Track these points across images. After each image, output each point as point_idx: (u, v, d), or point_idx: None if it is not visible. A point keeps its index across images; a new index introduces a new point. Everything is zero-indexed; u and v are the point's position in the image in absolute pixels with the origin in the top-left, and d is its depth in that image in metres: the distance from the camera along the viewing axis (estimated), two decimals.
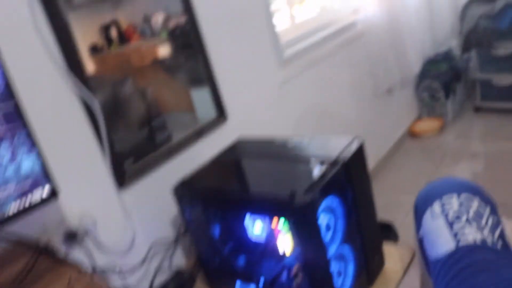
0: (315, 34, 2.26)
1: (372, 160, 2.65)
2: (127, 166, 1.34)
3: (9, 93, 0.83)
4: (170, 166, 1.44)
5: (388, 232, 2.09)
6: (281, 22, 2.19)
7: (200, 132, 1.53)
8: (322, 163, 1.00)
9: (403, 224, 2.16)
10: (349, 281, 1.08)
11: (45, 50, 1.14)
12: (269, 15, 1.85)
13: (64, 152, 1.19)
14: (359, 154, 1.06)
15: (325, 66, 2.21)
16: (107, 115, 1.26)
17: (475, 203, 0.93)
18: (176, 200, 1.17)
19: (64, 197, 1.19)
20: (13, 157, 0.83)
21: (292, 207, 0.89)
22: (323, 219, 0.99)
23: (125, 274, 1.29)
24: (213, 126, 1.58)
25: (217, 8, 1.62)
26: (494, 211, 0.96)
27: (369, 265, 1.12)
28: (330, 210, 1.01)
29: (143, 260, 1.33)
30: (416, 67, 2.84)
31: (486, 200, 0.96)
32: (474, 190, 0.97)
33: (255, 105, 1.79)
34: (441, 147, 2.90)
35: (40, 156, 0.87)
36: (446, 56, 3.14)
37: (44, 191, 0.88)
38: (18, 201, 0.85)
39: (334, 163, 1.01)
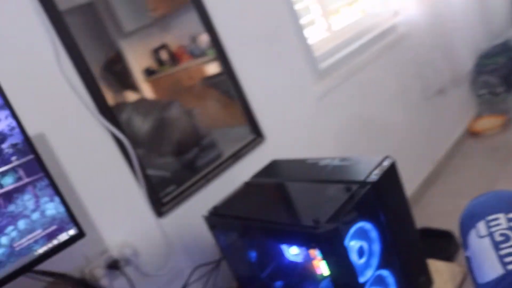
0: (354, 42, 2.20)
1: (428, 165, 2.52)
2: (169, 193, 1.36)
3: (29, 148, 0.88)
4: (209, 190, 1.46)
5: (448, 241, 1.97)
6: (317, 33, 2.15)
7: (236, 155, 1.53)
8: (349, 187, 0.96)
9: None
10: None
11: (76, 96, 1.20)
12: (299, 29, 1.82)
13: (102, 188, 1.24)
14: (390, 174, 1.01)
15: (366, 74, 2.13)
16: (153, 139, 1.33)
17: None
18: (208, 228, 1.17)
19: (105, 229, 1.24)
20: (36, 206, 0.87)
21: (317, 236, 0.86)
22: (354, 245, 0.95)
23: None
24: (250, 148, 1.58)
25: (240, 27, 1.62)
26: None
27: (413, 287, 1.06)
28: (362, 234, 0.97)
29: (184, 285, 1.34)
30: (468, 63, 2.68)
31: None
32: None
33: (292, 122, 1.76)
34: (505, 146, 2.70)
35: (63, 203, 0.90)
36: (504, 48, 2.93)
37: (70, 232, 0.91)
38: (46, 244, 0.88)
39: (362, 186, 0.96)
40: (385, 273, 1.01)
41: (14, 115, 0.88)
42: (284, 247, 1.15)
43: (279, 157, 1.41)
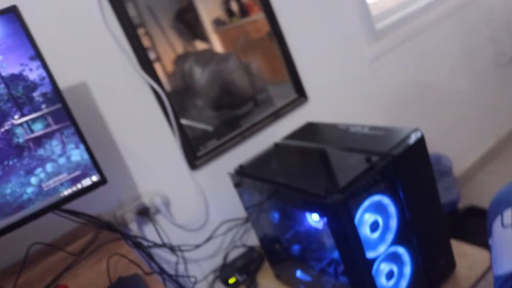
0: (419, 0, 2.03)
1: (489, 140, 2.35)
2: (207, 146, 1.39)
3: (57, 97, 0.92)
4: (243, 148, 1.47)
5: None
6: None
7: (276, 114, 1.51)
8: (369, 158, 0.92)
9: None
10: (405, 283, 1.00)
11: (118, 47, 1.24)
12: None
13: (139, 137, 1.29)
14: (416, 148, 0.95)
15: (428, 37, 1.98)
16: (210, 91, 1.37)
17: None
18: (233, 186, 1.19)
19: (139, 177, 1.30)
20: (63, 151, 0.93)
21: (324, 206, 0.85)
22: (368, 218, 0.92)
23: (185, 249, 1.36)
24: (291, 107, 1.55)
25: None
26: None
27: (431, 268, 1.02)
28: (378, 208, 0.93)
29: (208, 238, 1.39)
30: None
31: None
32: None
33: (340, 84, 1.70)
34: None
35: (87, 150, 0.95)
36: None
37: (93, 178, 0.97)
38: (71, 187, 0.94)
39: (383, 158, 0.92)
40: (400, 250, 0.98)
41: (45, 66, 0.92)
42: (306, 213, 1.14)
43: (321, 120, 1.38)
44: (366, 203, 0.90)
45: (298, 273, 1.19)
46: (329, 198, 0.84)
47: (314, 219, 1.13)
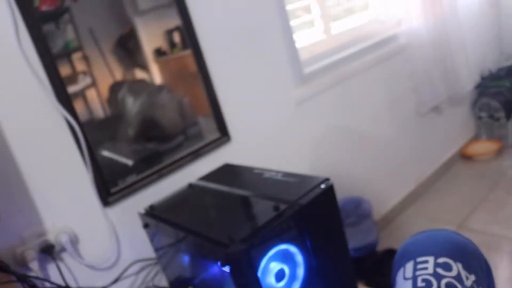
0: (350, 47, 2.12)
1: (409, 184, 2.46)
2: (123, 182, 1.34)
3: None
4: (160, 186, 1.42)
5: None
6: (314, 35, 2.09)
7: (196, 153, 1.49)
8: (277, 206, 0.92)
9: None
10: None
11: (35, 80, 1.18)
12: (288, 30, 1.76)
13: (48, 169, 1.21)
14: (326, 198, 0.96)
15: (354, 84, 2.06)
16: (141, 122, 1.33)
17: (453, 272, 0.81)
18: (142, 227, 1.14)
19: (45, 212, 1.22)
20: None
21: (227, 255, 0.82)
22: (274, 267, 0.91)
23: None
24: (213, 147, 1.54)
25: (221, 19, 1.57)
26: (480, 282, 0.82)
27: None
28: (285, 257, 0.93)
29: (118, 278, 1.32)
30: (469, 83, 2.58)
31: (471, 267, 0.83)
32: (458, 255, 0.84)
33: (265, 126, 1.71)
34: (496, 173, 2.61)
35: None
36: (510, 72, 2.83)
37: None
38: None
39: (291, 206, 0.92)
40: None
41: None
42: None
43: (243, 161, 1.37)
44: (272, 251, 0.89)
45: None
46: (231, 247, 0.82)
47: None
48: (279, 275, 0.92)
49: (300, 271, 0.95)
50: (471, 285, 0.80)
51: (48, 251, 1.20)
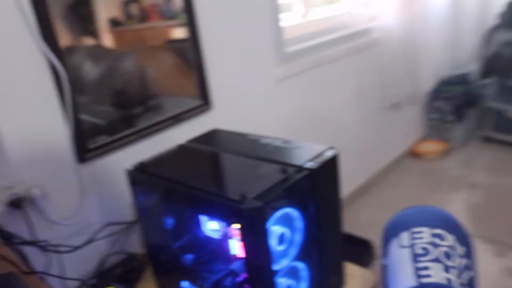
0: (326, 35, 2.15)
1: (365, 174, 2.54)
2: (97, 141, 1.26)
3: None
4: (138, 147, 1.37)
5: (364, 250, 1.99)
6: (292, 19, 2.09)
7: (178, 118, 1.44)
8: (286, 168, 0.91)
9: None
10: None
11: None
12: (275, 9, 1.75)
13: (22, 118, 1.11)
14: (332, 165, 0.96)
15: (329, 70, 2.10)
16: (100, 87, 1.24)
17: (448, 242, 0.83)
18: (129, 184, 1.08)
19: (15, 162, 1.12)
20: None
21: (240, 211, 0.80)
22: (276, 230, 0.89)
23: (64, 251, 1.20)
24: (194, 113, 1.50)
25: None
26: (468, 254, 0.86)
27: (325, 285, 1.02)
28: (287, 221, 0.92)
29: (89, 240, 1.25)
30: (427, 85, 2.72)
31: (462, 240, 0.86)
32: (451, 227, 0.87)
33: (245, 98, 1.70)
34: (441, 172, 2.78)
35: None
36: (463, 79, 3.01)
37: None
38: None
39: (299, 170, 0.91)
40: (300, 265, 0.98)
41: None
42: (203, 219, 1.08)
43: (225, 128, 1.34)
44: (278, 214, 0.88)
45: (187, 285, 1.11)
46: (246, 204, 0.80)
47: (212, 227, 1.08)
48: (280, 239, 0.91)
49: (299, 237, 0.95)
50: (462, 256, 0.83)
51: (17, 205, 1.11)
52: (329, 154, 0.97)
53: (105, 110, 1.30)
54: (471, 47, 3.14)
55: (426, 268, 0.79)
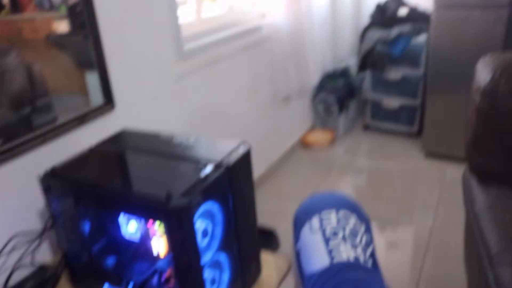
0: (220, 32, 2.20)
1: (261, 166, 2.66)
2: None
3: None
4: (43, 151, 1.29)
5: (270, 239, 2.10)
6: (186, 15, 2.10)
7: (82, 118, 1.39)
8: (204, 165, 0.94)
9: (286, 231, 2.19)
10: None
11: None
12: (173, 5, 1.75)
13: None
14: (245, 159, 1.02)
15: (224, 66, 2.16)
16: None
17: (352, 221, 0.94)
18: (42, 190, 1.03)
19: None
20: None
21: (167, 210, 0.82)
22: (200, 225, 0.93)
23: None
24: (98, 113, 1.45)
25: None
26: (368, 230, 0.98)
27: (245, 274, 1.09)
28: (208, 215, 0.96)
29: (3, 253, 1.16)
30: (314, 79, 2.92)
31: (362, 218, 0.98)
32: (352, 207, 0.99)
33: (147, 96, 1.68)
34: (329, 159, 3.02)
35: None
36: (343, 73, 3.29)
37: None
38: None
39: (217, 166, 0.95)
40: (222, 257, 1.02)
41: None
42: (122, 222, 1.07)
43: (129, 128, 1.33)
44: (201, 209, 0.91)
45: None
46: (172, 202, 0.82)
47: (131, 229, 1.08)
48: (204, 233, 0.94)
49: (219, 230, 0.99)
50: (363, 232, 0.95)
51: None
52: (242, 149, 1.03)
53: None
54: (348, 43, 3.44)
55: (337, 248, 0.88)
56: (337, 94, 3.14)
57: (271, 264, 1.22)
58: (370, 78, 3.20)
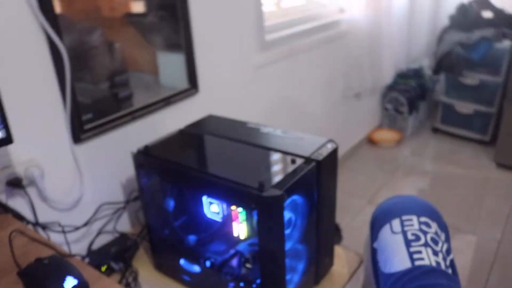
0: (300, 25, 2.22)
1: None
2: (85, 120, 1.26)
3: None
4: (131, 128, 1.38)
5: (334, 232, 2.13)
6: (266, 5, 2.14)
7: (168, 100, 1.47)
8: (294, 159, 0.98)
9: (348, 226, 2.20)
10: (297, 277, 1.07)
11: None
12: None
13: (22, 95, 1.10)
14: (333, 157, 1.05)
15: (302, 59, 2.18)
16: (71, 62, 1.18)
17: (433, 229, 0.95)
18: (134, 165, 1.11)
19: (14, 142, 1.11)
20: None
21: (261, 198, 0.87)
22: (286, 215, 0.97)
23: (67, 231, 1.22)
24: (183, 96, 1.53)
25: None
26: (447, 239, 0.98)
27: (319, 265, 1.12)
28: (294, 207, 1.00)
29: (88, 220, 1.27)
30: (387, 77, 2.89)
31: (442, 226, 0.98)
32: (433, 216, 0.99)
33: (229, 83, 1.74)
34: (395, 159, 2.98)
35: None
36: (416, 73, 3.21)
37: None
38: None
39: (307, 161, 0.99)
40: (301, 247, 1.06)
41: None
42: (205, 203, 1.13)
43: (210, 112, 1.39)
44: (288, 201, 0.96)
45: (186, 264, 1.17)
46: (266, 192, 0.87)
47: (212, 211, 1.14)
48: (288, 224, 0.99)
49: (300, 222, 1.03)
50: (444, 241, 0.96)
51: (17, 185, 1.11)
52: (330, 146, 1.06)
53: (89, 88, 1.29)
54: (424, 43, 3.35)
55: (418, 252, 0.90)
56: (408, 94, 3.08)
57: (342, 258, 1.25)
58: (444, 81, 3.11)
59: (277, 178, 0.92)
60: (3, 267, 0.74)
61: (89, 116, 1.27)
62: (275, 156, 1.04)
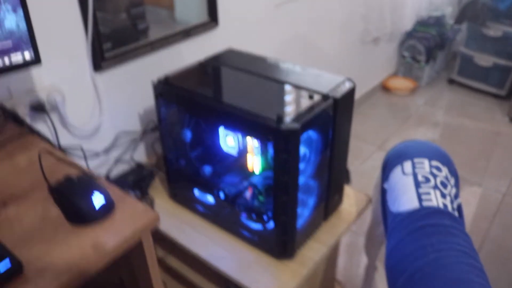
0: None
1: None
2: (105, 49, 1.27)
3: None
4: (150, 59, 1.39)
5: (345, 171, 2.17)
6: None
7: (188, 32, 1.47)
8: (312, 95, 0.99)
9: (357, 170, 2.25)
10: (307, 212, 1.12)
11: None
12: None
13: (46, 19, 1.10)
14: (350, 95, 1.06)
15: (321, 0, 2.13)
16: None
17: (443, 173, 0.97)
18: (154, 95, 1.13)
19: (35, 68, 1.13)
20: None
21: (278, 131, 0.89)
22: (301, 150, 1.00)
23: (87, 157, 1.27)
24: (202, 29, 1.52)
25: None
26: (457, 184, 1.01)
27: (329, 201, 1.16)
28: (309, 142, 1.02)
29: (109, 148, 1.31)
30: (407, 24, 2.81)
31: (452, 172, 1.01)
32: (445, 161, 1.02)
33: (248, 18, 1.72)
34: (408, 108, 2.97)
35: (26, 19, 0.79)
36: (437, 22, 3.13)
37: (26, 55, 0.82)
38: None
39: (325, 97, 1.00)
40: (312, 182, 1.10)
41: None
42: (221, 135, 1.16)
43: (230, 46, 1.38)
44: (304, 136, 0.98)
45: (200, 195, 1.22)
46: (284, 125, 0.89)
47: (229, 144, 1.17)
48: (302, 158, 1.01)
49: (314, 157, 1.06)
50: (453, 185, 0.98)
51: (41, 109, 1.14)
52: (348, 85, 1.06)
53: (109, 18, 1.28)
54: None
55: (427, 194, 0.93)
56: (427, 43, 3.02)
57: (351, 197, 1.29)
58: (466, 31, 3.03)
59: (294, 112, 0.94)
60: (34, 184, 0.78)
61: (109, 46, 1.28)
62: (293, 91, 1.05)
